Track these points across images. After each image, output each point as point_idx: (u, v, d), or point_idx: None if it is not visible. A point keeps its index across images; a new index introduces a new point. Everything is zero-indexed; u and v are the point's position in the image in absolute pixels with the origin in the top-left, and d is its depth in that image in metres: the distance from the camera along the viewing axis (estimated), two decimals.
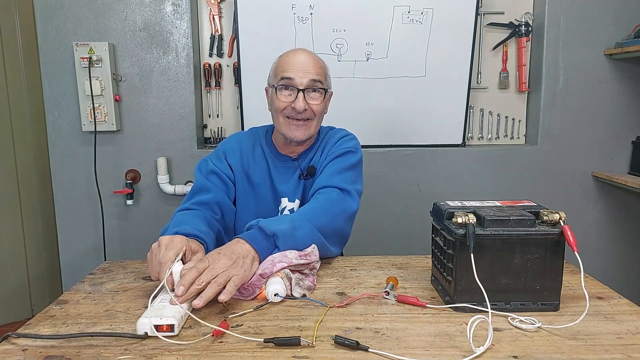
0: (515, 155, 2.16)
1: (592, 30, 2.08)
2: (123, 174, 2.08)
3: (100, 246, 2.09)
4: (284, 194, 1.27)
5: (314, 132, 1.23)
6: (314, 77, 1.16)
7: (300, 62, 1.16)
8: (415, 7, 2.03)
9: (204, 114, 2.19)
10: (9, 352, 0.72)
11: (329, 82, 1.25)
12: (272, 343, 0.72)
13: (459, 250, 0.83)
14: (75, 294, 0.95)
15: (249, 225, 1.03)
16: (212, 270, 0.85)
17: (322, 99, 1.20)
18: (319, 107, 1.19)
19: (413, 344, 0.73)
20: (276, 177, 1.27)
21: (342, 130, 1.34)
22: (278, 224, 0.99)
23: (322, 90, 1.19)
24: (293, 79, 1.15)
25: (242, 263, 0.90)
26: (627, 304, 0.88)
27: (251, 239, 0.96)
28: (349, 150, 1.25)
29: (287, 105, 1.17)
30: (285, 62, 1.18)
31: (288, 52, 1.22)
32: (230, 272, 0.86)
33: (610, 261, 2.24)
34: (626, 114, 2.14)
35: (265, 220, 1.00)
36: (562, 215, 0.83)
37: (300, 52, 1.20)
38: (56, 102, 2.02)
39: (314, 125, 1.21)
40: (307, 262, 0.96)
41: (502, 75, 2.19)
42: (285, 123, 1.20)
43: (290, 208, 1.28)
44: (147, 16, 2.01)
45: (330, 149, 1.26)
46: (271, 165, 1.28)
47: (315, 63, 1.18)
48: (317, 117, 1.21)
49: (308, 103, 1.17)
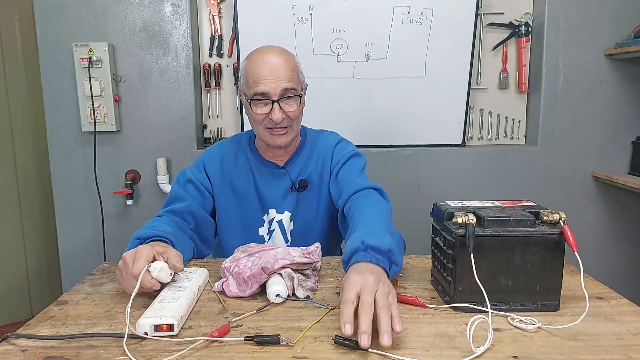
0: (515, 156, 2.16)
1: (592, 31, 2.08)
2: (123, 175, 2.08)
3: (100, 246, 2.09)
4: (272, 205, 1.25)
5: (296, 134, 1.23)
6: (286, 85, 1.12)
7: (271, 70, 1.12)
8: (415, 7, 2.03)
9: (204, 115, 2.19)
10: (8, 352, 0.72)
11: (302, 78, 1.20)
12: (252, 341, 0.73)
13: (459, 250, 0.83)
14: (75, 295, 0.95)
15: (354, 249, 0.87)
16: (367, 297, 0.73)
17: (298, 104, 1.17)
18: (296, 112, 1.16)
19: (413, 345, 0.73)
20: (262, 185, 1.25)
21: (332, 134, 1.34)
22: (383, 238, 0.88)
23: (297, 96, 1.16)
24: (266, 92, 1.12)
25: (383, 279, 0.80)
26: (627, 304, 0.88)
27: (371, 259, 0.84)
28: (353, 153, 1.26)
29: (264, 117, 1.15)
30: (255, 71, 1.13)
31: (256, 55, 1.16)
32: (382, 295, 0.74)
33: (610, 261, 2.24)
34: (626, 114, 2.14)
35: (370, 238, 0.87)
36: (562, 215, 0.83)
37: (269, 55, 1.14)
38: (56, 102, 2.02)
39: (295, 128, 1.20)
40: (310, 262, 0.95)
41: (502, 75, 2.19)
42: (266, 132, 1.18)
43: (278, 219, 1.25)
44: (146, 17, 2.00)
45: (331, 159, 1.25)
46: (256, 173, 1.25)
47: (286, 65, 1.13)
48: (296, 120, 1.19)
49: (285, 112, 1.14)
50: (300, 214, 1.26)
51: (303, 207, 1.25)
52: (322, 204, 1.26)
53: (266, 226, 1.26)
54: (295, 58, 1.19)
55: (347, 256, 0.88)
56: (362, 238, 0.88)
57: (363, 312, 0.70)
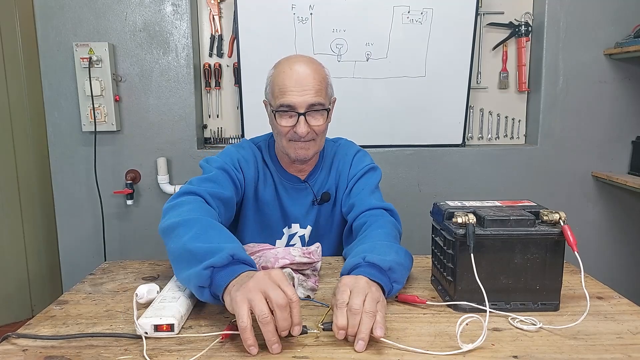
0: (515, 155, 2.16)
1: (592, 30, 2.08)
2: (123, 174, 2.08)
3: (100, 246, 2.09)
4: (296, 220, 1.22)
5: (319, 148, 1.18)
6: (313, 100, 1.07)
7: (299, 82, 1.06)
8: (415, 7, 2.03)
9: (204, 114, 2.19)
10: (9, 352, 0.72)
11: (331, 92, 1.16)
12: None
13: (459, 250, 0.83)
14: (76, 294, 0.95)
15: (355, 264, 0.87)
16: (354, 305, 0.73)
17: (325, 118, 1.12)
18: (322, 127, 1.12)
19: (413, 344, 0.73)
20: (286, 199, 1.21)
21: (349, 143, 1.31)
22: (385, 256, 0.87)
23: (324, 110, 1.11)
24: (292, 105, 1.07)
25: (376, 289, 0.79)
26: (627, 304, 0.88)
27: (371, 276, 0.83)
28: (370, 167, 1.25)
29: (289, 129, 1.10)
30: (282, 81, 1.08)
31: (284, 65, 1.10)
32: None
33: (610, 261, 2.24)
34: (626, 114, 2.14)
35: (372, 255, 0.87)
36: (562, 215, 0.83)
37: (298, 66, 1.08)
38: (56, 102, 2.02)
39: (319, 142, 1.15)
40: (310, 262, 0.96)
41: (502, 75, 2.19)
42: (289, 145, 1.13)
43: (301, 235, 1.23)
44: (147, 16, 2.01)
45: (348, 171, 1.23)
46: (278, 184, 1.21)
47: (314, 76, 1.08)
48: (320, 135, 1.14)
49: (310, 125, 1.09)
50: (321, 229, 1.24)
51: (322, 218, 1.24)
52: (337, 213, 1.25)
53: (284, 239, 1.24)
54: (326, 70, 1.14)
55: (347, 270, 0.88)
56: (365, 254, 0.87)
57: (354, 317, 0.71)
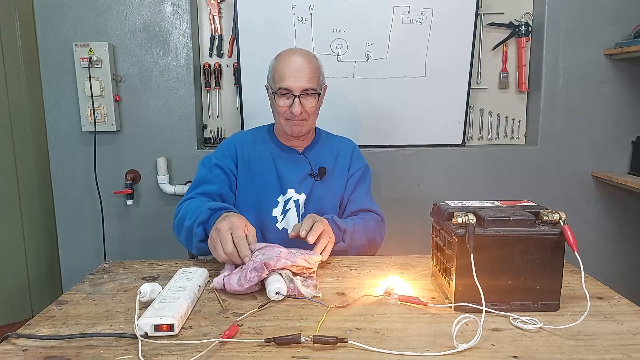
0: (515, 155, 2.16)
1: (592, 30, 2.08)
2: (123, 174, 2.08)
3: (100, 246, 2.09)
4: (291, 185, 1.37)
5: (312, 126, 1.41)
6: (307, 85, 1.29)
7: (295, 69, 1.28)
8: (415, 7, 2.03)
9: (204, 114, 2.19)
10: (9, 352, 0.72)
11: (322, 80, 1.37)
12: (273, 342, 0.72)
13: (459, 250, 0.83)
14: (75, 295, 0.95)
15: None
16: None
17: (316, 101, 1.34)
18: (313, 108, 1.34)
19: (413, 344, 0.73)
20: (282, 168, 1.38)
21: (347, 138, 1.52)
22: (347, 223, 1.24)
23: (316, 94, 1.33)
24: (289, 88, 1.29)
25: None
26: (627, 304, 0.88)
27: None
28: (366, 166, 1.48)
29: (286, 109, 1.32)
30: (282, 69, 1.30)
31: (284, 55, 1.33)
32: None
33: (610, 261, 2.24)
34: (626, 114, 2.14)
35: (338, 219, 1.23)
36: (562, 215, 0.83)
37: (295, 56, 1.31)
38: (56, 102, 2.02)
39: (310, 122, 1.37)
40: (309, 267, 0.98)
41: (502, 75, 2.19)
42: (286, 123, 1.35)
43: (295, 199, 1.36)
44: (146, 16, 2.00)
45: (349, 161, 1.44)
46: (276, 157, 1.39)
47: (309, 66, 1.30)
48: (312, 115, 1.35)
49: (303, 106, 1.31)
50: (314, 199, 1.38)
51: (316, 194, 1.38)
52: (331, 195, 1.40)
53: (280, 207, 1.36)
54: (318, 61, 1.36)
55: None
56: (334, 218, 1.21)
57: (309, 221, 1.08)
